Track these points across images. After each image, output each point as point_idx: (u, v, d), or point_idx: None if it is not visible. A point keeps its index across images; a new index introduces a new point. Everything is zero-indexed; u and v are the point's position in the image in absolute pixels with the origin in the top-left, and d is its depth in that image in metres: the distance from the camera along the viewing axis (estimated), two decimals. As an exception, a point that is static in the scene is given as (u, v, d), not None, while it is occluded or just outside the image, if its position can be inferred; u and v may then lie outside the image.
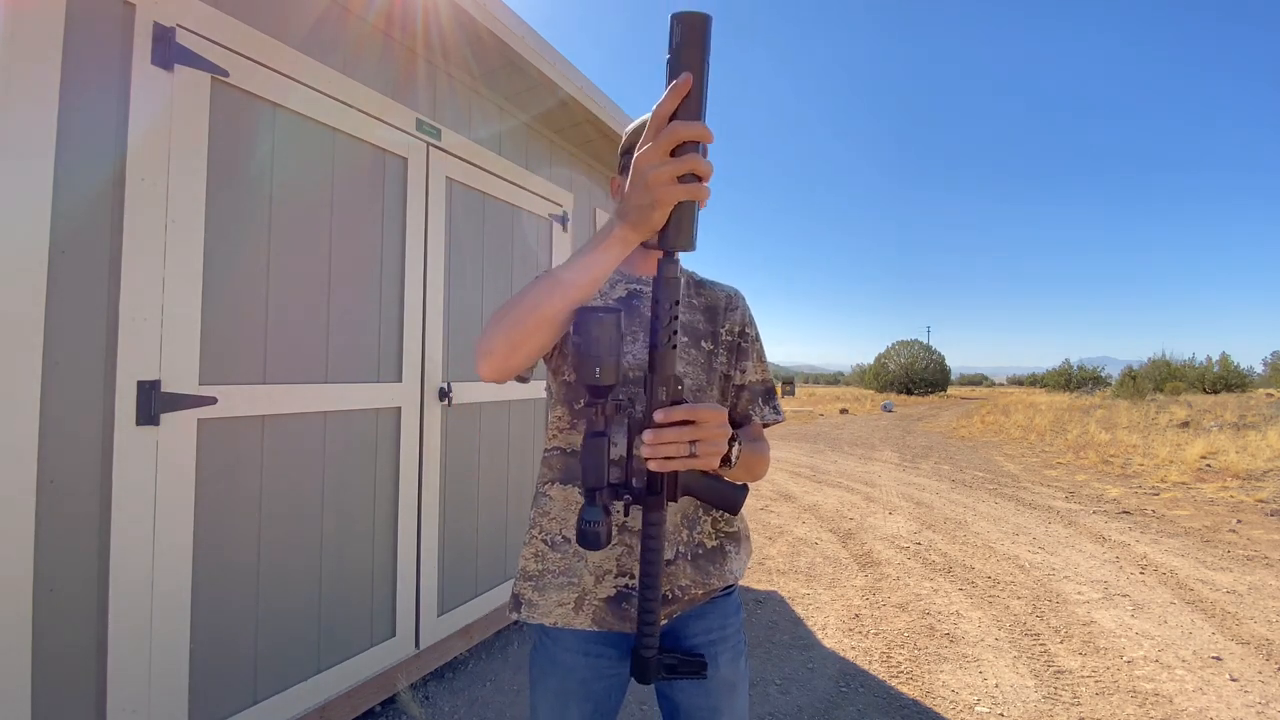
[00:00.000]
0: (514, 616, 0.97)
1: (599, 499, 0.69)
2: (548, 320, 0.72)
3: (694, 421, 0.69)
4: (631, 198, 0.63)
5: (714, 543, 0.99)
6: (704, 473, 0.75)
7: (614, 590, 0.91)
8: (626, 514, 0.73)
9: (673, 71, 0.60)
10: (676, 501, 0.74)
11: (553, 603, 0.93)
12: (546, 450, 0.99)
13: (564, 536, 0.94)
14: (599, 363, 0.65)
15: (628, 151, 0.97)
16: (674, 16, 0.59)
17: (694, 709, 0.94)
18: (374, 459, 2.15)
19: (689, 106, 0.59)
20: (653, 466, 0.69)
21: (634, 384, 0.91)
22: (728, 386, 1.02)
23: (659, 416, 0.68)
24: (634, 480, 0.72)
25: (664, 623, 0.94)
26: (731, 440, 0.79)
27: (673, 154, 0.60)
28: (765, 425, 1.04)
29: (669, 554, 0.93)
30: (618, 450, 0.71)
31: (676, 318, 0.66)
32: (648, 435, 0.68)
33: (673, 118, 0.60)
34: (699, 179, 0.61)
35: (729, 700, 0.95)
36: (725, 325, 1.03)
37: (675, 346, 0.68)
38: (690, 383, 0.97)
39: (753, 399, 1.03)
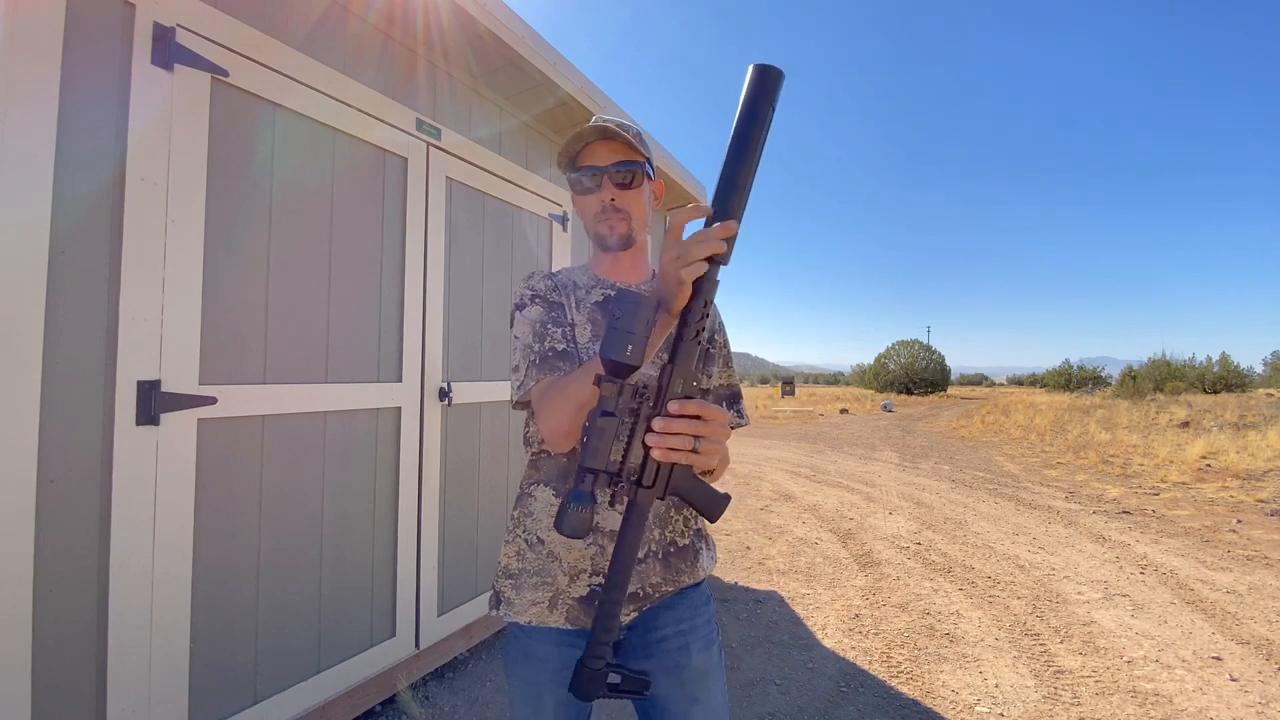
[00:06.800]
0: (493, 613, 0.99)
1: (589, 483, 0.66)
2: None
3: (703, 418, 0.69)
4: (666, 289, 0.71)
5: (685, 541, 1.01)
6: (694, 475, 0.76)
7: (587, 589, 0.93)
8: (613, 503, 0.70)
9: (740, 123, 0.67)
10: (664, 499, 0.74)
11: (528, 601, 0.95)
12: (535, 453, 1.00)
13: (539, 538, 0.96)
14: (632, 340, 0.64)
15: (569, 165, 0.98)
16: (753, 67, 0.67)
17: (670, 699, 0.95)
18: (374, 459, 2.15)
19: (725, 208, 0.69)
20: (656, 455, 0.69)
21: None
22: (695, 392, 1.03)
23: (673, 407, 0.68)
24: (628, 472, 0.70)
25: (634, 616, 0.96)
26: None
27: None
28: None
29: (640, 552, 0.95)
30: (619, 444, 0.70)
31: (707, 315, 0.69)
32: (658, 423, 0.68)
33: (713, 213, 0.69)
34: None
35: (704, 688, 0.96)
36: None
37: (700, 343, 0.70)
38: None
39: (716, 403, 1.04)
